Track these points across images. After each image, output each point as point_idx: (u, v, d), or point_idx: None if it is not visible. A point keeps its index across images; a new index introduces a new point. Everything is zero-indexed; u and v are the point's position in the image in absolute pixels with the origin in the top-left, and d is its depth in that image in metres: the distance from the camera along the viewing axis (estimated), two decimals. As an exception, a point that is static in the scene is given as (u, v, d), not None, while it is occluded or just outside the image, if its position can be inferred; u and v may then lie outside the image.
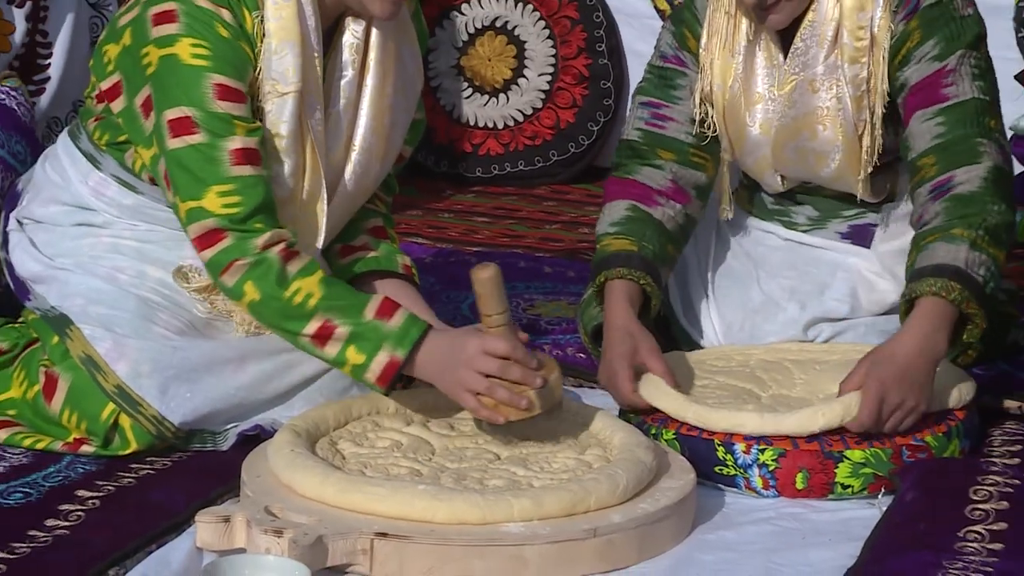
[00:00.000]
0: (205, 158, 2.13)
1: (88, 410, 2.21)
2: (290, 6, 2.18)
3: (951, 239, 2.24)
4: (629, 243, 2.42)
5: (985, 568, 1.87)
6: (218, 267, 2.14)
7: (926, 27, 2.36)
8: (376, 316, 2.11)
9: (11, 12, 2.85)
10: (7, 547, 1.91)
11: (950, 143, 2.33)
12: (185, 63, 2.14)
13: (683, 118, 2.52)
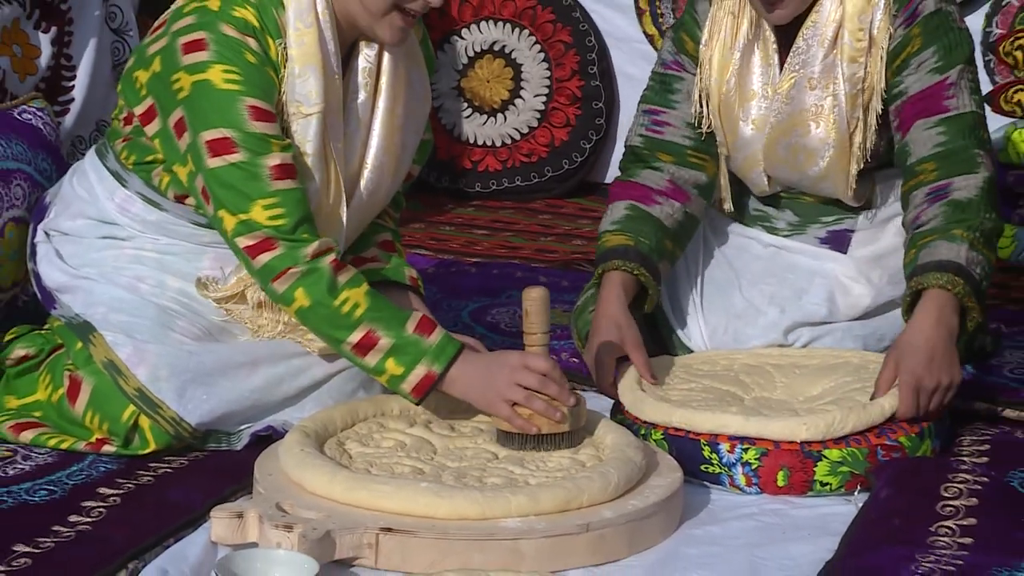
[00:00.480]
0: (247, 175, 2.13)
1: (110, 412, 2.21)
2: (311, 32, 2.19)
3: (952, 238, 2.28)
4: (626, 238, 2.46)
5: (955, 561, 1.86)
6: (270, 274, 2.14)
7: (927, 35, 2.39)
8: (416, 331, 2.12)
9: (37, 37, 2.86)
10: (32, 542, 1.91)
11: (950, 152, 2.37)
12: (218, 88, 2.14)
13: (680, 123, 2.55)
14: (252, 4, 2.18)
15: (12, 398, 2.33)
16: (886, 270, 2.52)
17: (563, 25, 4.11)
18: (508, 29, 4.15)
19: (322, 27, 2.19)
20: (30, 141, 2.60)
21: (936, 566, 1.85)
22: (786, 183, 2.55)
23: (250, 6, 2.18)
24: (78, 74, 2.94)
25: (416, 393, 2.13)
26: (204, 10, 2.18)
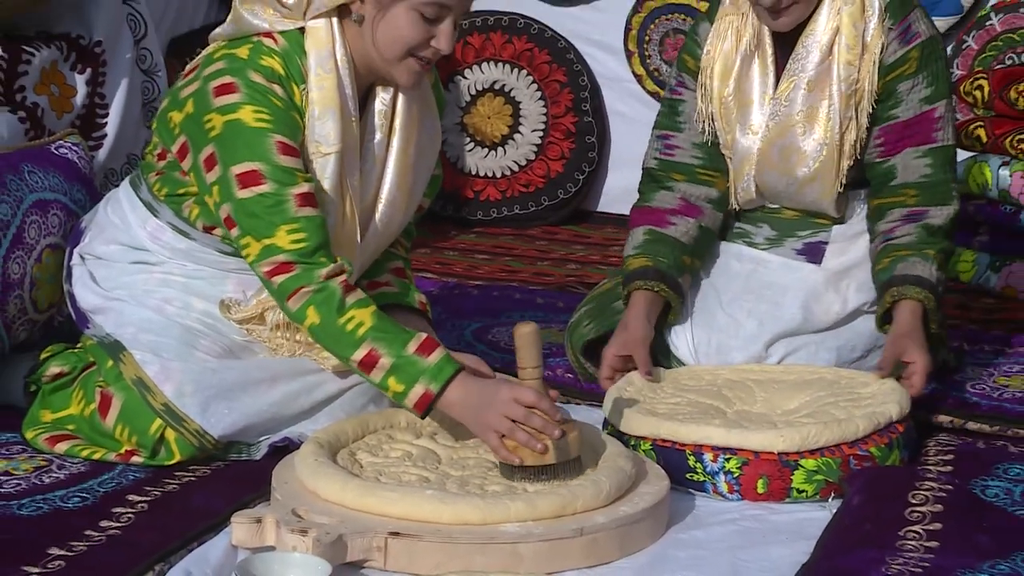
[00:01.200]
0: (273, 204, 2.12)
1: (138, 425, 2.20)
2: (331, 78, 2.18)
3: (926, 258, 2.40)
4: (646, 260, 2.51)
5: (923, 564, 1.86)
6: (285, 293, 2.13)
7: (922, 60, 2.45)
8: (416, 352, 2.09)
9: (74, 78, 2.87)
10: (66, 545, 1.91)
11: (933, 184, 2.47)
12: (249, 126, 2.13)
13: (687, 144, 2.59)
14: (278, 53, 2.18)
15: (48, 412, 2.32)
16: (854, 280, 2.54)
17: (558, 66, 4.12)
18: (508, 69, 4.16)
19: (340, 73, 2.19)
20: (66, 174, 2.60)
21: (904, 568, 1.85)
22: (772, 190, 2.55)
23: (276, 55, 2.18)
24: (110, 112, 2.95)
25: (418, 409, 2.10)
26: (234, 57, 2.18)
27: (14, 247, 2.43)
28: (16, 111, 2.72)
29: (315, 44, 2.18)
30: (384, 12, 2.15)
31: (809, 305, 2.51)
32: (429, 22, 2.14)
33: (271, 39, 2.19)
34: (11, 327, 2.45)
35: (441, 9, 2.14)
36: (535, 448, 1.99)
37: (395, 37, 2.15)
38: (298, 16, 2.19)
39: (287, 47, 2.18)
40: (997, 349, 2.86)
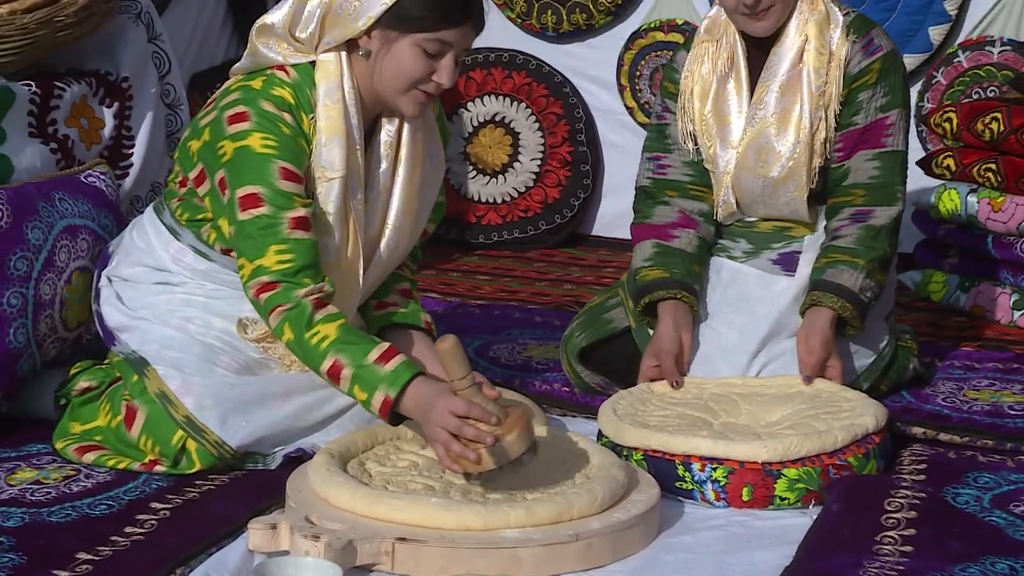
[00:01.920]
0: (267, 225, 2.12)
1: (161, 436, 2.20)
2: (338, 108, 2.18)
3: (855, 267, 2.43)
4: (661, 271, 2.51)
5: (898, 567, 1.85)
6: (267, 310, 2.13)
7: (882, 72, 2.49)
8: (376, 360, 2.06)
9: (102, 111, 2.87)
10: (93, 550, 1.91)
11: (880, 184, 2.49)
12: (256, 151, 2.13)
13: (678, 163, 2.61)
14: (289, 84, 2.18)
15: (76, 424, 2.32)
16: None
17: (555, 99, 4.13)
18: (508, 102, 4.16)
19: (347, 104, 2.19)
20: (94, 201, 2.60)
21: (881, 571, 1.84)
22: (749, 195, 2.56)
23: (287, 86, 2.18)
24: (136, 143, 2.95)
25: (383, 416, 2.07)
26: (248, 88, 2.18)
27: (45, 270, 2.43)
28: (48, 143, 2.72)
29: (324, 76, 2.18)
30: (389, 47, 2.15)
31: (784, 314, 2.51)
32: (431, 57, 2.14)
33: (284, 71, 2.19)
34: (42, 344, 2.45)
35: (442, 45, 2.14)
36: (469, 458, 1.95)
37: (399, 71, 2.15)
38: (309, 50, 2.20)
39: (298, 78, 2.19)
40: (967, 365, 2.86)
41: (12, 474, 2.20)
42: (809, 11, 2.47)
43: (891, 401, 2.54)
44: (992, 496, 2.14)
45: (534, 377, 2.75)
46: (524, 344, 3.02)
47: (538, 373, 2.78)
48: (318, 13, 2.16)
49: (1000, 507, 2.10)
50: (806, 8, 2.48)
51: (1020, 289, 3.21)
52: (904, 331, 2.71)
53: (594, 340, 2.59)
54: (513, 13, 4.17)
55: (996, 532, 1.98)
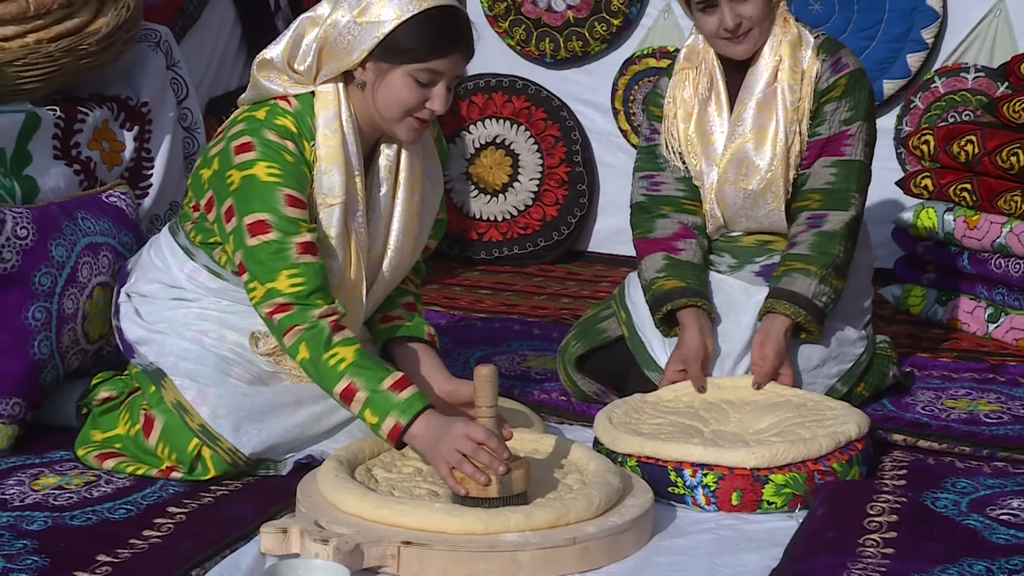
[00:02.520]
0: (277, 250, 2.11)
1: (177, 444, 2.19)
2: (336, 137, 2.18)
3: (808, 273, 2.43)
4: (677, 281, 2.50)
5: (880, 568, 1.84)
6: (282, 330, 2.12)
7: (848, 87, 2.52)
8: (390, 388, 2.05)
9: (123, 134, 2.87)
10: (112, 552, 1.90)
11: (834, 190, 2.49)
12: (262, 180, 2.13)
13: (671, 179, 2.61)
14: (291, 113, 2.18)
15: (97, 432, 2.31)
16: None
17: (553, 122, 4.13)
18: (508, 125, 4.16)
19: (345, 132, 2.18)
20: (115, 219, 2.60)
21: (864, 572, 1.83)
22: (731, 208, 2.56)
23: (290, 115, 2.17)
24: (155, 164, 2.95)
25: (390, 440, 2.05)
26: (253, 119, 2.18)
27: (68, 285, 2.43)
28: (72, 164, 2.72)
29: (323, 106, 2.18)
30: (383, 78, 2.14)
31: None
32: (423, 86, 2.13)
33: (286, 102, 2.19)
34: (65, 356, 2.44)
35: (433, 75, 2.13)
36: (479, 480, 1.94)
37: (393, 100, 2.14)
38: (308, 81, 2.19)
39: (299, 108, 2.18)
40: (944, 375, 2.85)
41: (36, 480, 2.19)
42: (782, 33, 2.50)
43: (872, 409, 2.54)
44: (970, 500, 2.14)
45: (533, 387, 2.74)
46: (523, 355, 3.01)
47: (537, 383, 2.78)
48: (315, 47, 2.16)
49: (977, 511, 2.09)
50: (779, 31, 2.50)
51: (994, 303, 3.21)
52: (883, 340, 2.71)
53: (589, 348, 2.59)
54: (513, 41, 4.18)
55: (974, 535, 1.97)
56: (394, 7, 2.09)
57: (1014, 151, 3.08)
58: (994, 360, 2.99)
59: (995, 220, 3.14)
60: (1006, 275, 3.13)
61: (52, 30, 2.67)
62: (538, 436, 2.24)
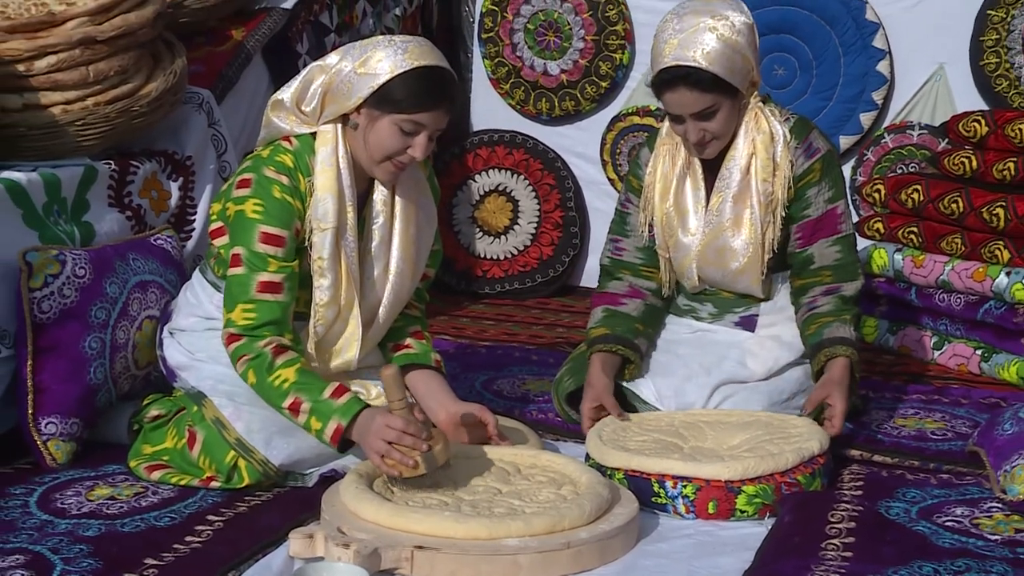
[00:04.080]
0: (241, 284, 2.12)
1: (216, 455, 2.19)
2: (332, 170, 2.17)
3: (844, 322, 2.40)
4: (604, 329, 2.48)
5: (840, 570, 1.83)
6: (234, 359, 2.12)
7: (824, 170, 2.45)
8: (330, 396, 2.06)
9: (169, 184, 2.88)
10: (158, 556, 1.89)
11: (843, 265, 2.46)
12: (247, 216, 2.14)
13: (632, 247, 2.57)
14: (291, 151, 2.18)
15: (148, 446, 2.31)
16: (781, 342, 2.52)
17: (549, 172, 4.14)
18: (509, 175, 4.17)
19: (340, 166, 2.18)
20: (162, 260, 2.60)
21: (826, 573, 1.82)
22: (711, 279, 2.54)
23: (289, 153, 2.18)
24: (198, 211, 2.95)
25: (333, 442, 2.06)
26: (258, 157, 2.20)
27: (120, 318, 2.43)
28: (124, 211, 2.72)
29: (323, 143, 2.18)
30: (373, 123, 2.14)
31: (745, 361, 2.50)
32: (407, 135, 2.14)
33: (288, 141, 2.20)
34: (117, 381, 2.44)
35: (417, 126, 2.13)
36: (407, 464, 1.97)
37: (378, 143, 2.15)
38: (312, 121, 2.20)
39: (299, 146, 2.19)
40: (896, 396, 2.84)
41: (91, 491, 2.18)
42: (755, 129, 2.40)
43: (832, 427, 2.53)
44: (919, 508, 2.13)
45: (531, 407, 2.73)
46: (523, 379, 3.00)
47: (535, 404, 2.77)
48: (320, 91, 2.17)
49: (926, 518, 2.08)
50: (752, 126, 2.40)
51: (939, 332, 3.21)
52: None
53: (580, 384, 2.55)
54: (513, 101, 4.20)
55: (923, 540, 1.97)
56: (390, 62, 2.10)
57: (954, 199, 3.09)
58: (939, 383, 2.99)
59: (939, 260, 3.15)
60: (949, 308, 3.13)
61: (108, 94, 2.68)
62: (536, 452, 2.24)
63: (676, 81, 2.30)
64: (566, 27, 4.08)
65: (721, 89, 2.31)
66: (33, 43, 2.58)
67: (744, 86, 2.36)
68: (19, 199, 2.42)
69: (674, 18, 2.33)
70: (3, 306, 2.30)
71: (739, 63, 2.31)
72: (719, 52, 2.28)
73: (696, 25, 2.29)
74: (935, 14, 3.66)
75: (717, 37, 2.28)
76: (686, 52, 2.28)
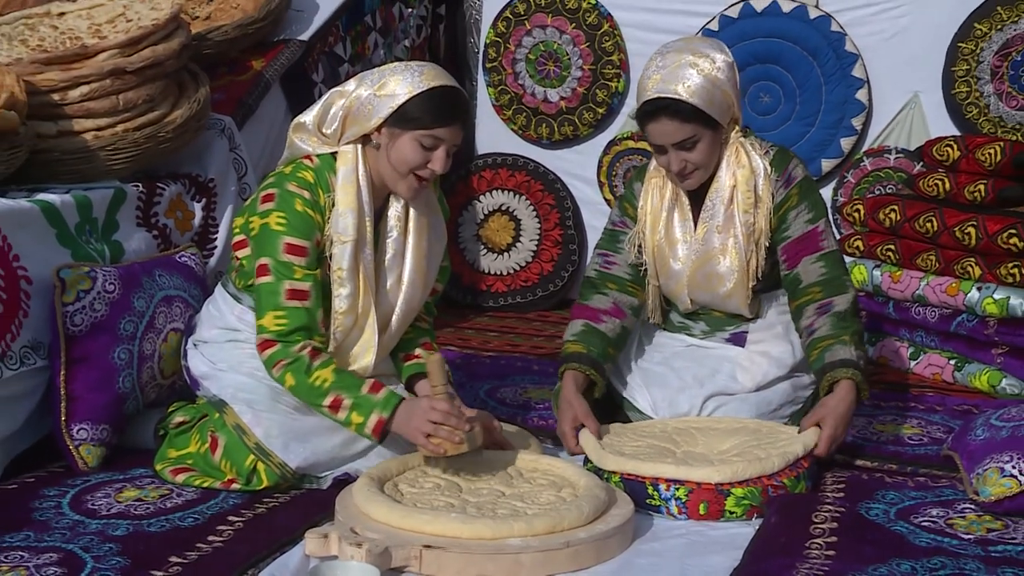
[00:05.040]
0: (271, 291, 2.14)
1: (237, 459, 2.19)
2: (352, 187, 2.19)
3: (844, 343, 2.29)
4: (581, 347, 2.42)
5: (824, 568, 1.83)
6: (270, 364, 2.14)
7: (801, 194, 2.40)
8: (368, 391, 2.11)
9: (193, 205, 2.88)
10: (182, 555, 1.89)
11: (830, 279, 2.36)
12: (271, 228, 2.15)
13: (623, 263, 2.52)
14: (312, 169, 2.20)
15: (173, 450, 2.30)
16: (770, 358, 2.50)
17: (549, 193, 4.14)
18: (511, 195, 4.18)
19: (360, 183, 2.20)
20: (186, 276, 2.61)
21: (810, 571, 1.82)
22: (702, 301, 2.53)
23: (311, 170, 2.20)
24: (219, 230, 2.96)
25: (375, 434, 2.09)
26: (280, 174, 2.22)
27: (147, 331, 2.43)
28: (151, 231, 2.73)
29: (343, 163, 2.20)
30: (394, 141, 2.16)
31: (736, 375, 2.49)
32: (427, 149, 2.16)
33: (310, 160, 2.22)
34: (144, 390, 2.44)
35: (436, 140, 2.15)
36: (454, 441, 2.03)
37: (401, 159, 2.16)
38: (333, 142, 2.22)
39: (320, 164, 2.21)
40: (875, 404, 2.83)
41: (119, 493, 2.18)
42: (736, 164, 2.37)
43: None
44: (897, 510, 2.12)
45: (533, 414, 2.73)
46: (525, 387, 3.00)
47: (536, 411, 2.76)
48: (340, 114, 2.19)
49: (903, 519, 2.07)
50: (733, 160, 2.37)
51: (915, 343, 3.21)
52: None
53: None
54: (516, 126, 4.21)
55: (901, 539, 1.96)
56: (407, 84, 2.12)
57: (929, 218, 3.10)
58: (915, 391, 2.98)
59: (914, 275, 3.15)
60: (924, 320, 3.13)
61: (137, 121, 2.69)
62: (536, 456, 2.23)
63: (658, 112, 2.30)
64: (565, 57, 4.10)
65: (701, 120, 2.30)
66: (67, 74, 2.60)
67: (725, 120, 2.35)
68: (53, 219, 2.43)
69: (658, 56, 2.34)
70: (38, 319, 2.31)
71: (719, 97, 2.31)
72: (700, 86, 2.28)
73: (678, 61, 2.29)
74: (910, 46, 3.67)
75: (698, 72, 2.28)
76: (668, 85, 2.28)
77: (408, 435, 2.07)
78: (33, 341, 2.30)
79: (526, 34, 4.15)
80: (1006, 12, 3.53)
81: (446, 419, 2.04)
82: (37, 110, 2.57)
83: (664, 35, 3.99)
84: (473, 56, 4.28)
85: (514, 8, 4.17)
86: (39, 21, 2.83)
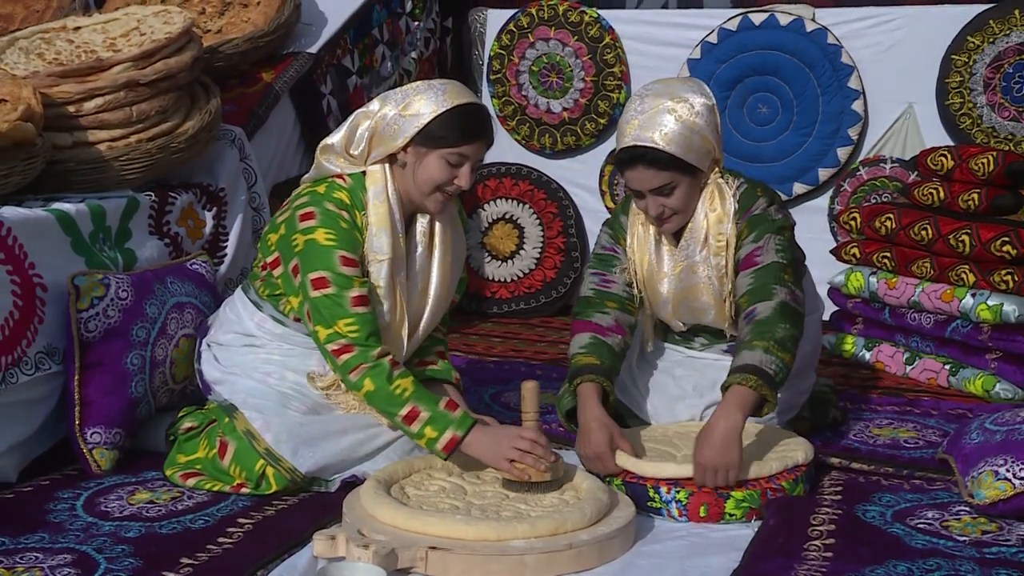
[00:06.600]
0: (335, 302, 2.13)
1: (246, 464, 2.19)
2: (384, 206, 2.20)
3: (751, 347, 2.15)
4: (594, 359, 2.36)
5: (821, 569, 1.83)
6: (348, 368, 2.12)
7: (750, 226, 2.31)
8: (446, 408, 2.11)
9: (204, 214, 2.89)
10: (193, 556, 1.89)
11: (755, 289, 2.24)
12: (321, 244, 2.15)
13: (621, 282, 2.46)
14: (346, 189, 2.20)
15: (182, 456, 2.30)
16: None
17: (552, 201, 4.15)
18: (515, 204, 4.18)
19: (391, 203, 2.21)
20: (197, 283, 2.61)
21: (808, 572, 1.81)
22: (693, 323, 2.51)
23: (345, 190, 2.20)
24: (230, 238, 2.96)
25: (445, 451, 2.09)
26: (315, 193, 2.21)
27: (159, 336, 2.43)
28: (163, 239, 2.74)
29: (373, 182, 2.20)
30: (421, 159, 2.17)
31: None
32: (453, 166, 2.17)
33: (341, 179, 2.22)
34: (156, 394, 2.44)
35: (461, 157, 2.16)
36: (540, 468, 2.03)
37: (428, 177, 2.17)
38: (361, 163, 2.22)
39: (352, 184, 2.21)
40: (871, 408, 2.84)
41: (132, 495, 2.18)
42: (709, 208, 2.32)
43: (813, 437, 2.52)
44: (893, 512, 2.12)
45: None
46: (528, 392, 3.00)
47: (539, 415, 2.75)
48: (366, 135, 2.19)
49: (899, 521, 2.07)
50: (707, 204, 2.32)
51: (910, 349, 3.20)
52: (826, 383, 2.68)
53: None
54: (519, 136, 4.22)
55: (897, 541, 1.96)
56: (431, 103, 2.13)
57: (924, 227, 3.10)
58: (911, 396, 2.98)
59: (910, 282, 3.14)
60: (919, 326, 3.13)
61: (150, 132, 2.70)
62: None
63: (635, 160, 2.24)
64: (567, 69, 4.10)
65: (678, 167, 2.24)
66: (82, 86, 2.61)
67: (704, 164, 2.28)
68: (68, 228, 2.43)
69: (637, 99, 2.27)
70: (53, 325, 2.31)
71: (697, 143, 2.24)
72: (677, 133, 2.21)
73: (656, 107, 2.22)
74: (905, 58, 3.68)
75: (676, 118, 2.21)
76: (645, 132, 2.22)
77: (490, 459, 2.07)
78: (48, 347, 2.30)
79: (529, 47, 4.16)
80: (998, 25, 3.54)
81: (533, 448, 2.04)
82: (53, 122, 2.58)
83: (664, 47, 4.02)
84: (478, 68, 4.29)
85: (518, 21, 4.18)
86: (55, 35, 2.84)
